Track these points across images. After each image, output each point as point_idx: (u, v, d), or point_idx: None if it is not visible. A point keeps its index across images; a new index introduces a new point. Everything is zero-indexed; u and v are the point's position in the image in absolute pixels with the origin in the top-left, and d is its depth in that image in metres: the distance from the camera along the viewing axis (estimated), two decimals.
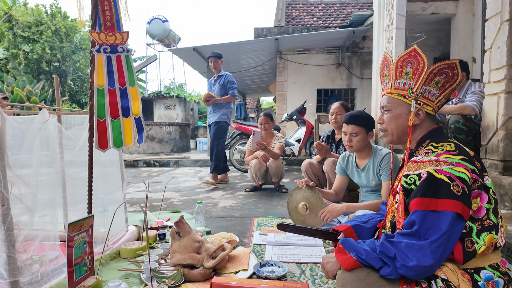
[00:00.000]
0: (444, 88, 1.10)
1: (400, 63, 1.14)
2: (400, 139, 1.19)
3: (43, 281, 1.34)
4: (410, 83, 1.12)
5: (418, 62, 1.10)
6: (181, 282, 1.46)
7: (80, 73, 12.10)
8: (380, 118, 1.23)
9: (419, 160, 1.05)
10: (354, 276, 1.08)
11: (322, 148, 2.78)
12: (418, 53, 1.10)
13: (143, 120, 1.70)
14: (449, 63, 1.07)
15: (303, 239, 2.04)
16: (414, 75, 1.11)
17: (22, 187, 1.43)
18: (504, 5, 2.27)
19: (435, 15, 5.26)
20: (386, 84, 1.22)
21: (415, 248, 0.95)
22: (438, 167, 0.98)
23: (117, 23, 1.59)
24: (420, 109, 1.11)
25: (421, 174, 1.01)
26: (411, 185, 1.03)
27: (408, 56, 1.12)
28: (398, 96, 1.15)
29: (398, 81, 1.15)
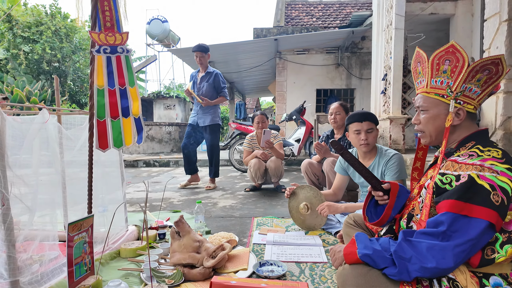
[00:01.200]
0: (486, 84, 1.03)
1: (436, 60, 1.06)
2: (439, 140, 1.12)
3: (43, 280, 1.34)
4: (449, 81, 1.04)
5: (457, 59, 1.02)
6: (181, 281, 1.46)
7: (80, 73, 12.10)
8: (416, 119, 1.15)
9: (461, 161, 0.99)
10: (354, 272, 1.08)
11: (321, 148, 2.78)
12: (456, 49, 1.03)
13: (142, 120, 1.71)
14: (493, 59, 0.99)
15: (302, 238, 2.05)
16: (452, 73, 1.03)
17: (22, 187, 1.43)
18: (502, 5, 2.27)
19: (434, 15, 5.27)
20: (420, 82, 1.14)
21: (436, 249, 0.92)
22: (481, 173, 0.92)
23: (117, 23, 1.59)
24: (460, 108, 1.04)
25: (460, 176, 0.96)
26: (446, 185, 0.98)
27: (445, 52, 1.05)
28: (435, 96, 1.07)
29: (434, 80, 1.08)
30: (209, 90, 3.95)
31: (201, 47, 3.93)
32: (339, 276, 1.13)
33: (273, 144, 3.61)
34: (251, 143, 3.93)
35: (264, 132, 3.59)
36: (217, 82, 3.95)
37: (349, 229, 1.56)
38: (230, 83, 11.59)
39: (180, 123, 9.16)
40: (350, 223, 1.56)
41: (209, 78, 3.96)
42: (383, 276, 1.03)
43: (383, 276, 1.03)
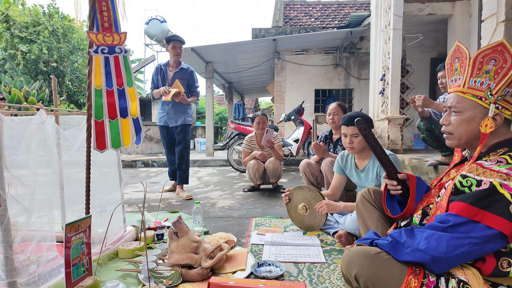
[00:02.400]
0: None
1: (480, 58, 0.99)
2: (468, 144, 1.06)
3: (40, 281, 1.33)
4: (490, 83, 0.97)
5: (504, 60, 0.95)
6: (179, 282, 1.46)
7: (78, 74, 12.07)
8: (446, 119, 1.08)
9: (487, 166, 0.93)
10: (361, 254, 1.05)
11: (320, 148, 2.79)
12: (506, 48, 0.95)
13: (141, 120, 1.71)
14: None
15: (301, 239, 2.05)
16: (497, 74, 0.96)
17: (19, 188, 1.42)
18: (500, 6, 2.28)
19: (432, 16, 5.29)
20: (455, 79, 1.06)
21: (433, 237, 0.93)
22: (505, 182, 0.88)
23: (115, 23, 1.59)
24: (498, 113, 0.97)
25: (482, 182, 0.91)
26: (465, 188, 0.94)
27: (492, 51, 0.97)
28: (472, 97, 1.00)
29: (474, 79, 1.00)
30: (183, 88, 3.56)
31: (179, 37, 3.54)
32: (345, 257, 1.10)
33: (274, 144, 3.60)
34: (250, 144, 3.93)
35: (267, 131, 3.58)
36: (192, 81, 3.60)
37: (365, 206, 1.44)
38: (228, 83, 11.59)
39: None
40: (367, 199, 1.44)
41: (184, 75, 3.56)
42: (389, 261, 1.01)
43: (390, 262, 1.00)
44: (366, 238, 1.13)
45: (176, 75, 3.52)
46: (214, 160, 6.88)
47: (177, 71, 3.54)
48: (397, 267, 0.99)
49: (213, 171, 5.82)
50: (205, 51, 7.10)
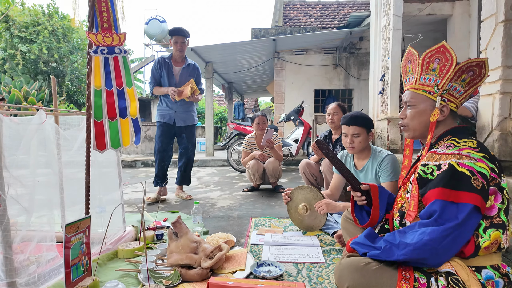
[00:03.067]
0: (469, 85, 1.11)
1: (427, 58, 1.13)
2: (422, 135, 1.19)
3: (40, 282, 1.34)
4: (436, 79, 1.11)
5: (446, 59, 1.09)
6: (178, 282, 1.46)
7: (78, 74, 12.08)
8: (403, 113, 1.22)
9: (440, 152, 1.05)
10: (350, 268, 1.11)
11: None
12: (446, 49, 1.09)
13: (140, 121, 1.71)
14: (478, 61, 1.07)
15: (300, 239, 2.05)
16: (441, 71, 1.10)
17: (19, 188, 1.43)
18: (499, 6, 2.28)
19: (432, 16, 5.29)
20: (409, 79, 1.21)
21: (426, 232, 0.97)
22: (460, 161, 0.98)
23: (114, 24, 1.60)
24: (445, 105, 1.11)
25: (441, 165, 1.01)
26: (428, 175, 1.03)
27: (436, 52, 1.11)
28: (423, 92, 1.14)
29: (423, 77, 1.14)
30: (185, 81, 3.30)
31: (183, 30, 3.17)
32: (336, 271, 1.17)
33: (273, 144, 3.60)
34: (249, 144, 3.93)
35: (267, 131, 3.58)
36: (198, 78, 3.34)
37: (347, 223, 1.60)
38: (228, 83, 11.59)
39: None
40: (348, 217, 1.59)
41: (191, 71, 3.29)
42: (378, 271, 1.05)
43: (379, 271, 1.05)
44: (359, 243, 1.16)
45: (184, 71, 3.25)
46: (214, 160, 6.88)
47: (184, 66, 3.25)
48: (387, 276, 1.04)
49: (213, 171, 5.83)
50: (205, 51, 7.10)
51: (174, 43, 3.18)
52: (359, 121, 2.00)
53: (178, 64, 3.26)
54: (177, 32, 3.15)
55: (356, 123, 2.00)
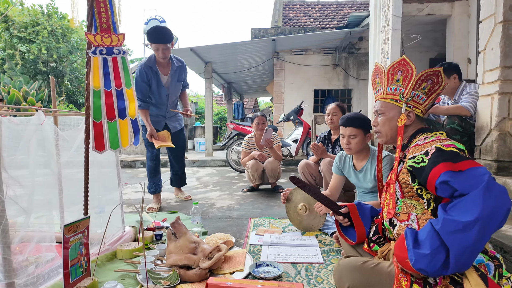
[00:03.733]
0: (430, 92, 1.23)
1: (391, 71, 1.26)
2: (393, 139, 1.30)
3: (38, 282, 1.34)
4: (401, 88, 1.24)
5: (407, 70, 1.22)
6: (177, 282, 1.46)
7: (77, 74, 12.08)
8: (375, 121, 1.33)
9: (421, 143, 1.12)
10: (350, 267, 1.16)
11: (318, 148, 2.79)
12: (407, 62, 1.23)
13: (139, 121, 1.71)
14: (434, 70, 1.19)
15: (299, 239, 2.06)
16: (404, 81, 1.23)
17: (17, 189, 1.43)
18: (497, 7, 2.29)
19: (431, 16, 5.30)
20: (378, 90, 1.34)
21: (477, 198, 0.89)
22: (443, 143, 1.05)
23: (113, 24, 1.60)
24: (411, 111, 1.23)
25: (427, 151, 1.06)
26: (420, 164, 1.07)
27: (398, 64, 1.24)
28: (391, 101, 1.27)
29: (390, 87, 1.27)
30: (179, 88, 3.06)
31: (163, 37, 2.67)
32: (335, 272, 1.22)
33: (273, 143, 3.60)
34: (249, 144, 3.93)
35: (266, 130, 3.58)
36: (185, 75, 3.07)
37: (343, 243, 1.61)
38: (228, 83, 11.59)
39: None
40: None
41: (179, 74, 2.98)
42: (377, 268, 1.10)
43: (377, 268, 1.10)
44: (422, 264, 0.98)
45: (173, 77, 2.95)
46: (213, 160, 6.88)
47: (172, 72, 2.92)
48: (386, 272, 1.08)
49: (212, 171, 5.82)
50: (204, 51, 7.10)
51: (155, 50, 2.74)
52: (356, 123, 2.01)
53: (164, 70, 2.88)
54: (156, 40, 2.68)
55: (352, 125, 2.01)
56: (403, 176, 1.17)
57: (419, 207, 1.13)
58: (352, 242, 1.45)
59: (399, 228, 1.18)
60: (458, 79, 2.71)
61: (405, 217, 1.16)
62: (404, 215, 1.16)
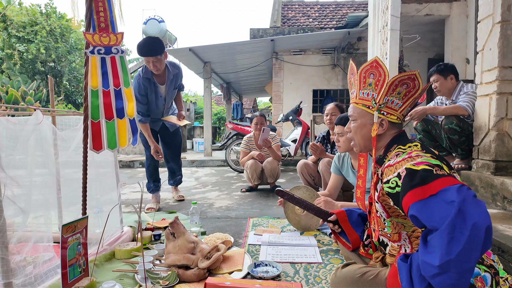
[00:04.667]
0: (406, 97, 1.11)
1: (363, 73, 1.14)
2: (367, 148, 1.20)
3: (36, 282, 1.33)
4: (373, 93, 1.13)
5: (379, 73, 1.11)
6: (176, 282, 1.46)
7: (76, 74, 12.05)
8: (348, 127, 1.23)
9: (393, 163, 1.03)
10: (347, 280, 1.12)
11: (317, 148, 2.80)
12: (379, 64, 1.11)
13: (137, 121, 1.70)
14: (409, 74, 1.08)
15: (297, 239, 2.06)
16: (376, 86, 1.12)
17: (15, 188, 1.42)
18: (496, 7, 2.29)
19: (430, 17, 5.31)
20: (352, 92, 1.22)
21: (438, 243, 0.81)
22: (414, 161, 0.96)
23: (112, 24, 1.59)
24: (384, 119, 1.12)
25: (399, 173, 0.98)
26: (395, 188, 0.99)
27: (370, 67, 1.13)
28: (363, 107, 1.16)
29: (362, 91, 1.16)
30: (175, 93, 3.04)
31: (152, 49, 2.58)
32: (332, 284, 1.19)
33: (271, 143, 3.60)
34: (248, 144, 3.93)
35: (263, 130, 3.58)
36: (181, 78, 3.02)
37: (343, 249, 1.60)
38: (227, 83, 11.58)
39: None
40: None
41: (175, 82, 2.92)
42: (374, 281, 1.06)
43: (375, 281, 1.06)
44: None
45: (170, 87, 2.89)
46: (212, 160, 6.87)
47: (169, 82, 2.85)
48: (383, 285, 1.04)
49: (211, 171, 5.82)
50: (203, 51, 7.10)
51: (146, 63, 2.65)
52: (343, 121, 2.06)
53: (161, 79, 2.82)
54: (146, 53, 2.58)
55: (340, 123, 2.07)
56: (383, 198, 1.08)
57: (407, 225, 1.07)
58: (349, 246, 1.44)
59: (391, 248, 1.13)
60: (455, 79, 2.72)
61: (396, 237, 1.09)
62: (395, 235, 1.10)
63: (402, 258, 1.00)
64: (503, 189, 2.08)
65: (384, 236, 1.15)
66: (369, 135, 1.15)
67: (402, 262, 0.98)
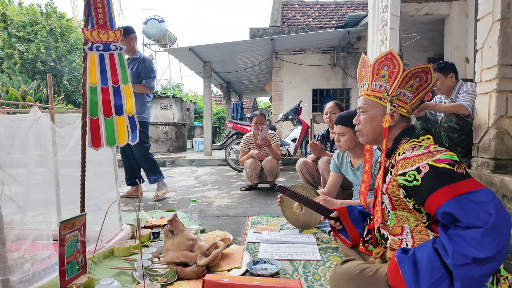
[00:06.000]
0: (418, 91, 1.13)
1: (377, 65, 1.16)
2: (375, 140, 1.21)
3: (34, 279, 1.33)
4: (386, 85, 1.14)
5: (394, 65, 1.12)
6: (174, 279, 1.45)
7: (76, 73, 12.03)
8: (357, 119, 1.25)
9: (410, 155, 1.02)
10: (346, 276, 1.12)
11: (316, 147, 2.79)
12: (394, 56, 1.12)
13: (136, 118, 1.70)
14: (424, 67, 1.10)
15: (297, 237, 2.05)
16: (390, 77, 1.13)
17: (14, 186, 1.42)
18: (495, 5, 2.29)
19: (429, 16, 5.30)
20: (363, 85, 1.23)
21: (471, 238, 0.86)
22: (435, 157, 0.96)
23: (110, 21, 1.59)
24: (395, 111, 1.14)
25: (419, 167, 0.98)
26: (413, 182, 0.98)
27: (384, 59, 1.14)
28: (374, 98, 1.17)
29: (374, 83, 1.17)
30: (133, 80, 3.18)
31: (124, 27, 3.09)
32: (331, 280, 1.18)
33: (270, 142, 3.59)
34: (247, 143, 3.93)
35: (262, 128, 3.57)
36: (141, 70, 3.20)
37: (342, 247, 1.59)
38: (227, 83, 11.58)
39: (177, 123, 9.14)
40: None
41: (134, 65, 3.22)
42: (373, 277, 1.06)
43: (374, 278, 1.05)
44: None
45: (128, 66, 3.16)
46: (212, 160, 6.87)
47: (128, 62, 3.18)
48: (382, 281, 1.03)
49: (211, 171, 5.82)
50: (203, 50, 7.09)
51: None
52: (344, 121, 2.04)
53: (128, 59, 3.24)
54: None
55: (341, 123, 2.04)
56: (393, 190, 1.08)
57: (411, 219, 1.07)
58: (349, 243, 1.44)
59: (392, 242, 1.13)
60: (455, 78, 2.72)
61: (399, 231, 1.10)
62: (397, 229, 1.10)
63: (401, 252, 1.00)
64: (503, 187, 2.08)
65: (386, 229, 1.15)
66: (379, 126, 1.16)
67: (402, 255, 0.98)
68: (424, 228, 1.04)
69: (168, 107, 10.88)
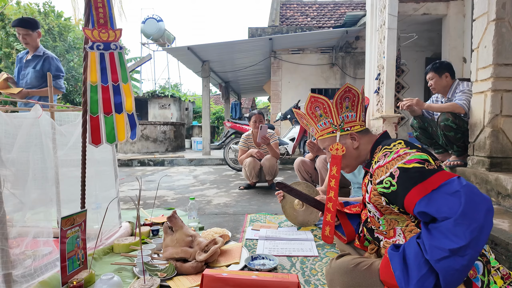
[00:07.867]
0: (355, 107, 1.23)
1: (309, 111, 1.27)
2: (359, 162, 1.27)
3: (36, 274, 1.35)
4: (328, 120, 1.24)
5: (322, 103, 1.24)
6: (173, 275, 1.48)
7: (74, 73, 12.02)
8: (327, 158, 1.32)
9: (383, 163, 1.05)
10: (341, 271, 1.14)
11: (314, 146, 2.81)
12: (316, 97, 1.24)
13: (136, 116, 1.72)
14: (344, 88, 1.21)
15: (294, 234, 2.08)
16: (326, 113, 1.24)
17: (14, 183, 1.43)
18: (490, 5, 2.32)
19: (427, 16, 5.34)
20: (312, 130, 1.33)
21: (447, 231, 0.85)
22: (404, 160, 0.98)
23: (110, 20, 1.61)
24: (351, 133, 1.22)
25: (392, 172, 1.00)
26: (390, 188, 1.01)
27: (311, 103, 1.26)
28: (328, 135, 1.25)
29: (319, 124, 1.27)
30: (35, 80, 2.98)
31: (24, 21, 2.89)
32: (327, 274, 1.20)
33: (269, 140, 3.62)
34: (246, 142, 3.95)
35: (261, 127, 3.59)
36: (47, 69, 2.99)
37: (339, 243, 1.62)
38: (225, 82, 11.60)
39: (175, 123, 9.15)
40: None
41: (38, 63, 2.99)
42: (368, 271, 1.08)
43: (368, 272, 1.07)
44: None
45: (29, 63, 2.99)
46: (211, 159, 6.89)
47: (30, 58, 3.00)
48: (376, 275, 1.05)
49: (210, 170, 5.84)
50: (201, 50, 7.11)
51: (17, 35, 2.95)
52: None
53: (28, 57, 3.05)
54: (16, 23, 2.87)
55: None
56: (375, 199, 1.10)
57: (401, 220, 1.09)
58: (344, 239, 1.46)
59: (385, 243, 1.15)
60: (451, 77, 2.74)
61: (392, 233, 1.12)
62: (390, 231, 1.12)
63: (393, 248, 1.02)
64: (498, 184, 2.11)
65: (380, 234, 1.17)
66: (352, 152, 1.23)
67: (393, 252, 1.00)
68: (414, 226, 1.06)
69: (167, 107, 10.89)
